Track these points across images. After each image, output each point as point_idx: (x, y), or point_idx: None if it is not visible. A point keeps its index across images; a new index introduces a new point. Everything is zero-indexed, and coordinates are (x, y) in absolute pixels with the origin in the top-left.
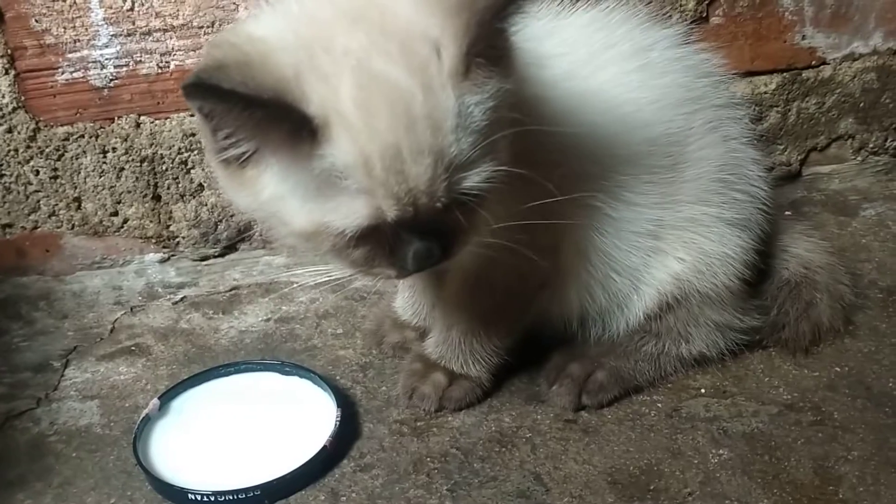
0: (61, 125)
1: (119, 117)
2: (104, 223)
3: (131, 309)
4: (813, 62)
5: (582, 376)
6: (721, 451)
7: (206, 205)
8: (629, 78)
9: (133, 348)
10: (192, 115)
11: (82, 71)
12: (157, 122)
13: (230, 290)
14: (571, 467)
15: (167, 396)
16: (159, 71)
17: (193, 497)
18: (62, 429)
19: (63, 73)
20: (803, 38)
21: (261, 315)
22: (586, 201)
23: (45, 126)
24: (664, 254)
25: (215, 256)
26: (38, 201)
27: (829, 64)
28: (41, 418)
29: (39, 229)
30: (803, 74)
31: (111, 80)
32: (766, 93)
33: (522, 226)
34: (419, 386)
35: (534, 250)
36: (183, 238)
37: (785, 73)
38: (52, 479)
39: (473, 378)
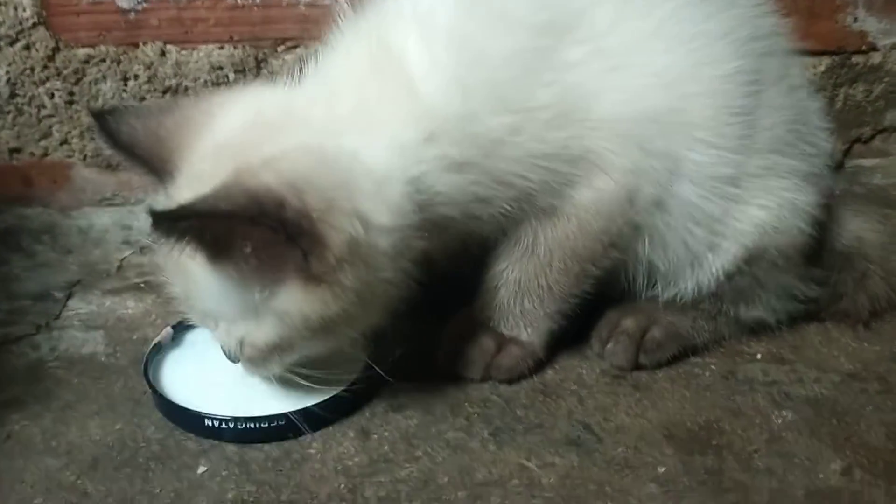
0: (82, 46)
1: (144, 43)
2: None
3: (140, 249)
4: (863, 47)
5: (638, 333)
6: (784, 413)
7: None
8: (691, 11)
9: (142, 285)
10: (220, 48)
11: None
12: (184, 51)
13: None
14: (623, 420)
15: (181, 328)
16: None
17: (210, 423)
18: (63, 356)
19: None
20: (855, 20)
21: None
22: (664, 144)
23: (66, 46)
24: (745, 203)
25: None
26: (51, 126)
27: (879, 50)
28: (41, 344)
29: (49, 157)
30: (853, 59)
31: (139, 2)
32: (814, 75)
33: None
34: (463, 350)
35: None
36: None
37: (835, 56)
38: (52, 403)
39: (525, 344)
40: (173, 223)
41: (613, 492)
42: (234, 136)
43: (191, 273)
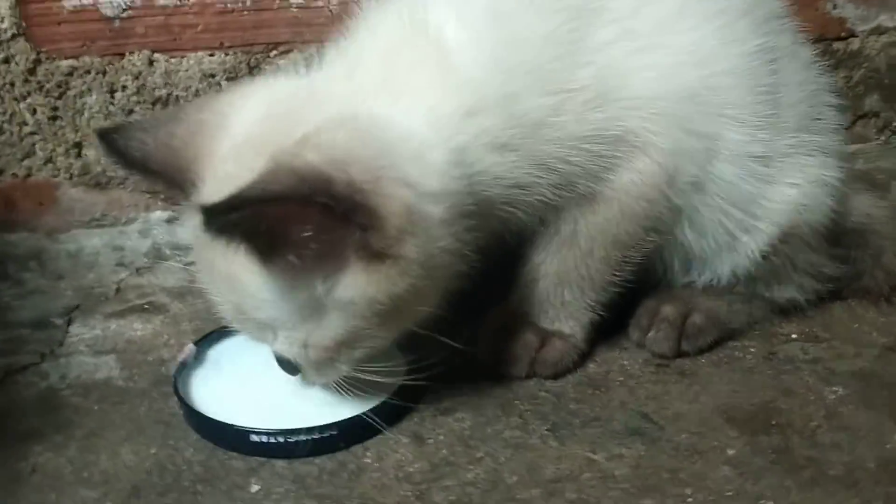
0: (65, 58)
1: (130, 52)
2: (107, 173)
3: (137, 270)
4: (842, 34)
5: (678, 319)
6: (835, 388)
7: None
8: None
9: (146, 306)
10: (211, 55)
11: None
12: (173, 60)
13: None
14: (679, 407)
15: (203, 344)
16: (178, 2)
17: (258, 438)
18: (76, 383)
19: None
20: (834, 7)
21: None
22: (702, 124)
23: (48, 58)
24: (777, 182)
25: None
26: (34, 145)
27: (857, 36)
28: (49, 373)
29: (33, 178)
30: (834, 46)
31: (124, 9)
32: None
33: None
34: (505, 348)
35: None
36: None
37: (817, 44)
38: (74, 432)
39: (568, 336)
40: (226, 216)
41: (688, 478)
42: (255, 129)
43: (244, 283)
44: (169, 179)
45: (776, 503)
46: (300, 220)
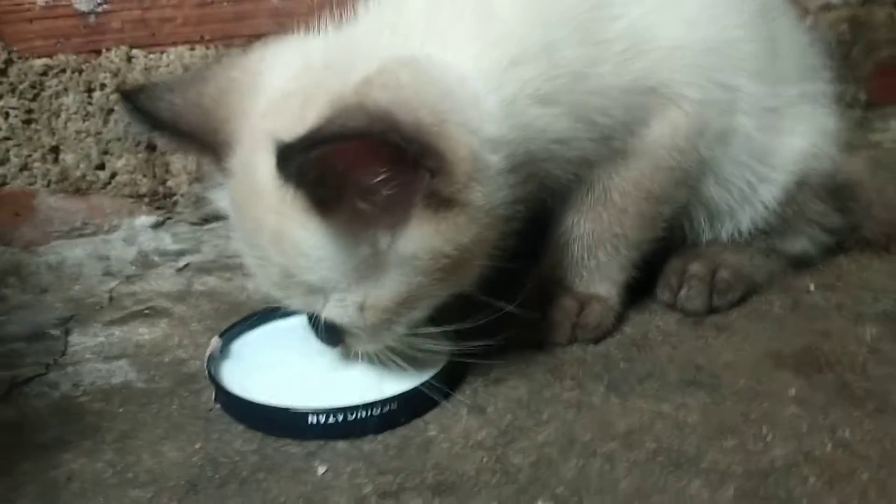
0: (38, 57)
1: (107, 49)
2: (87, 178)
3: (126, 278)
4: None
5: (708, 276)
6: (869, 328)
7: None
8: None
9: (147, 311)
10: (192, 49)
11: None
12: (152, 55)
13: None
14: (726, 357)
15: (226, 338)
16: None
17: (315, 419)
18: (91, 389)
19: None
20: None
21: None
22: (725, 76)
23: (20, 58)
24: (787, 133)
25: (217, 219)
26: (8, 151)
27: (811, 13)
28: (58, 382)
29: (8, 186)
30: None
31: (98, 3)
32: None
33: None
34: (546, 314)
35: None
36: (182, 196)
37: None
38: (104, 436)
39: (605, 299)
40: (304, 154)
41: (759, 418)
42: (294, 84)
43: (297, 241)
44: (200, 140)
45: (852, 432)
46: (374, 161)
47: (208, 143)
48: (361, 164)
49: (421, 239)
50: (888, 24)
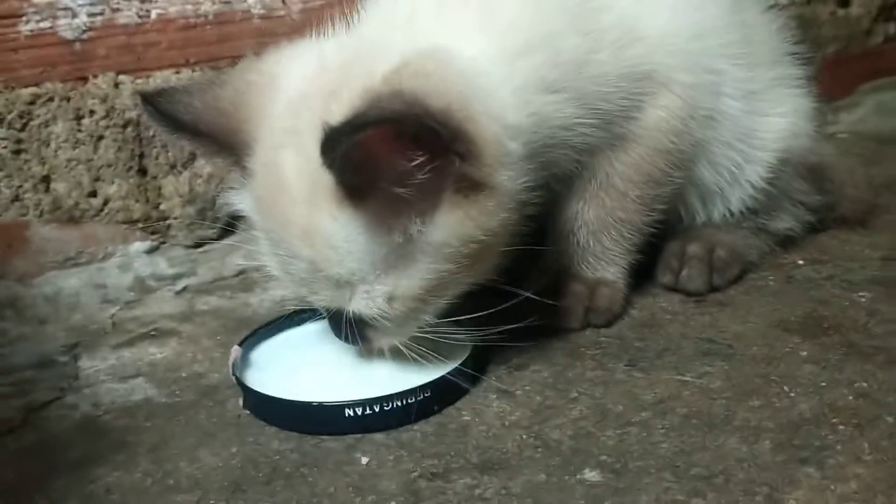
0: (25, 86)
1: (94, 76)
2: (80, 206)
3: (126, 304)
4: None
5: (706, 256)
6: (862, 293)
7: (202, 175)
8: None
9: (153, 333)
10: (177, 73)
11: (50, 20)
12: (139, 80)
13: (238, 274)
14: (734, 328)
15: (244, 348)
16: (139, 20)
17: (351, 412)
18: (113, 407)
19: (28, 23)
20: None
21: None
22: (711, 61)
23: (6, 88)
24: (769, 114)
25: (212, 240)
26: None
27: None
28: (77, 404)
29: (0, 218)
30: None
31: (84, 30)
32: None
33: None
34: (558, 301)
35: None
36: (175, 220)
37: None
38: (136, 449)
39: (612, 283)
40: (351, 136)
41: (779, 378)
42: (312, 85)
43: (327, 234)
44: (220, 141)
45: (868, 383)
46: (411, 145)
47: (228, 144)
48: (399, 149)
49: (452, 224)
50: (832, 21)
